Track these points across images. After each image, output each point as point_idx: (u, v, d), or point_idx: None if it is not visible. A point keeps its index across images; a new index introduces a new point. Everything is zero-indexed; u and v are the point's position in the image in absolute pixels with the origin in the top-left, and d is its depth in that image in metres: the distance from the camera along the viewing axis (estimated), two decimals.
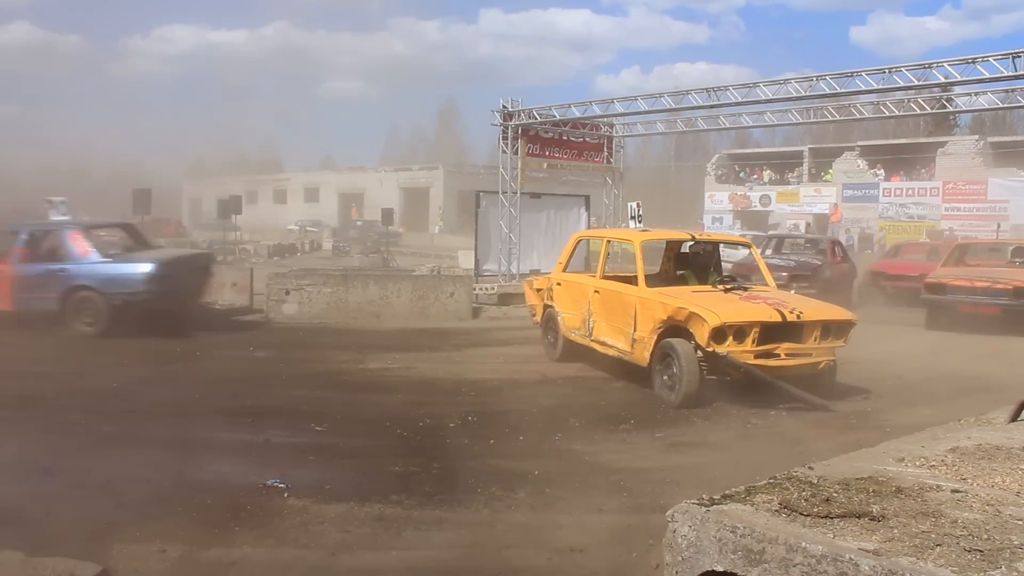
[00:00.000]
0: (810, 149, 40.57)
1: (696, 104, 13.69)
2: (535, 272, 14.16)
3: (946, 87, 13.01)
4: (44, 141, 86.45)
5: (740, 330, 7.02)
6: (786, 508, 2.13)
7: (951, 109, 15.54)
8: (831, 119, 16.19)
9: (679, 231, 10.17)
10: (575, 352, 9.09)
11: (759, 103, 13.56)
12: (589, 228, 16.09)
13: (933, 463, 2.66)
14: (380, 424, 6.38)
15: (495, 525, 4.33)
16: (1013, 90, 12.75)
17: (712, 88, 13.27)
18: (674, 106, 14.13)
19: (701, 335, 7.01)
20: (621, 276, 9.23)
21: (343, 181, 56.82)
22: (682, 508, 2.17)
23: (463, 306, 13.14)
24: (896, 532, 1.98)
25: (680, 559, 2.14)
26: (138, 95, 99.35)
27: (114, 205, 28.72)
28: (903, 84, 11.52)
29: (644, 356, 7.63)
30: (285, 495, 4.65)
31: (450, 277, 15.26)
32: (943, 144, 35.71)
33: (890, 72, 11.41)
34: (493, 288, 14.80)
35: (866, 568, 1.78)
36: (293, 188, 59.59)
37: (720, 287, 8.10)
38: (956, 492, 2.31)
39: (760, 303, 7.49)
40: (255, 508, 4.45)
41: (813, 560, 1.86)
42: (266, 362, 9.27)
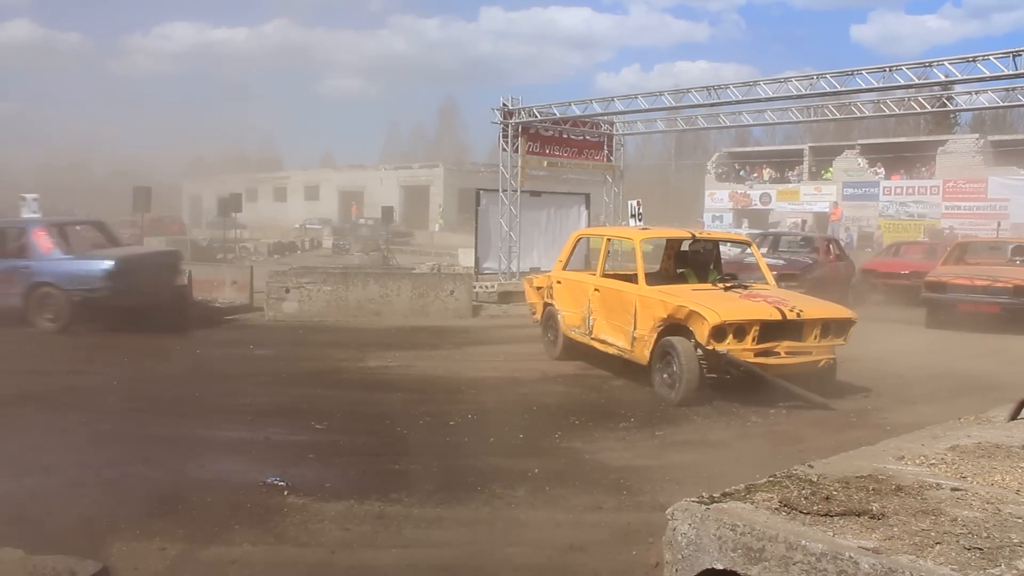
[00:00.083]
0: (810, 147, 40.53)
1: (696, 102, 13.69)
2: (535, 270, 14.17)
3: (946, 85, 13.02)
4: (44, 139, 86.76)
5: (740, 328, 7.02)
6: (786, 506, 2.13)
7: (951, 108, 15.56)
8: (831, 117, 16.22)
9: (679, 229, 10.16)
10: (575, 350, 9.09)
11: (759, 101, 13.56)
12: (589, 226, 16.09)
13: (933, 461, 2.66)
14: (380, 422, 6.39)
15: (495, 523, 4.33)
16: (1013, 88, 12.75)
17: (712, 86, 13.28)
18: (674, 104, 14.15)
19: (701, 333, 7.01)
20: (621, 274, 9.23)
21: (343, 179, 56.76)
22: (682, 506, 2.17)
23: (463, 304, 13.15)
24: (896, 530, 1.97)
25: (680, 557, 2.14)
26: (138, 93, 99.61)
27: (114, 203, 28.72)
28: (903, 82, 11.52)
29: (644, 354, 7.63)
30: (285, 493, 4.65)
31: (450, 275, 15.28)
32: (943, 142, 35.69)
33: (891, 70, 11.40)
34: (493, 286, 14.81)
35: (866, 566, 1.78)
36: (293, 186, 59.54)
37: (720, 285, 8.10)
38: (956, 490, 2.31)
39: (760, 301, 7.49)
40: (255, 506, 4.45)
41: (813, 558, 1.86)
42: (266, 360, 9.28)
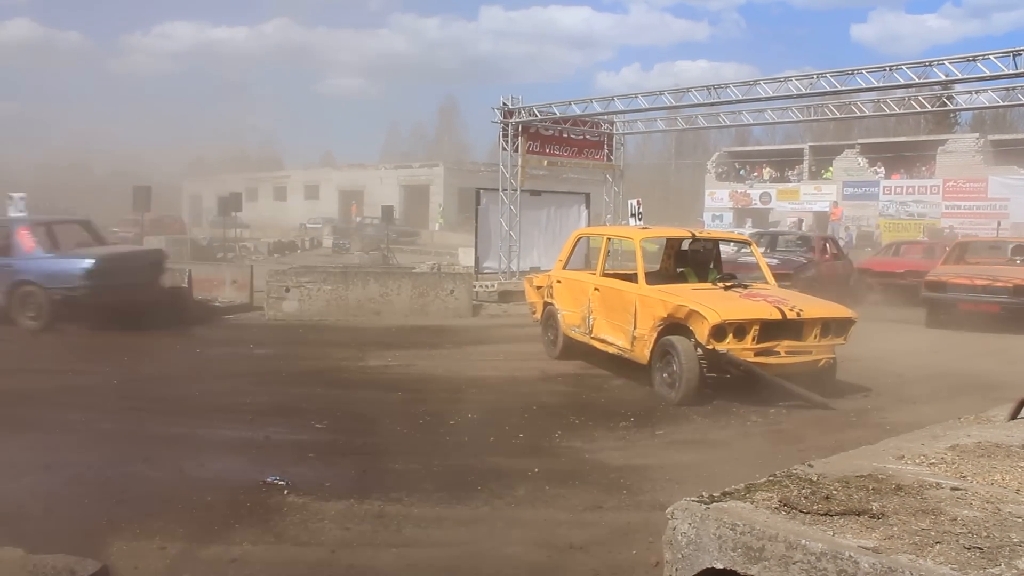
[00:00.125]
0: (810, 147, 40.53)
1: (696, 102, 13.69)
2: (535, 269, 14.17)
3: (947, 85, 13.02)
4: (44, 138, 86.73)
5: (740, 328, 7.02)
6: (786, 506, 2.13)
7: (951, 107, 15.55)
8: (831, 117, 16.23)
9: (679, 228, 10.16)
10: (575, 350, 9.09)
11: (760, 101, 13.56)
12: (589, 226, 16.09)
13: (933, 461, 2.66)
14: (380, 421, 6.39)
15: (495, 522, 4.33)
16: (1014, 88, 12.75)
17: (713, 86, 13.28)
18: (674, 104, 14.15)
19: (701, 333, 7.00)
20: (621, 274, 9.23)
21: (343, 178, 56.71)
22: (682, 505, 2.17)
23: (463, 303, 13.15)
24: (896, 530, 1.98)
25: (680, 556, 2.14)
26: (138, 92, 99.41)
27: (115, 202, 28.70)
28: (904, 82, 11.53)
29: (644, 354, 7.63)
30: (285, 492, 4.65)
31: (450, 274, 15.28)
32: (943, 142, 35.70)
33: (891, 70, 11.40)
34: (493, 285, 14.81)
35: (866, 565, 1.78)
36: (293, 185, 59.51)
37: (720, 285, 8.10)
38: (956, 490, 2.31)
39: (760, 301, 7.49)
40: (255, 505, 4.46)
41: (813, 557, 1.86)
42: (266, 359, 9.28)
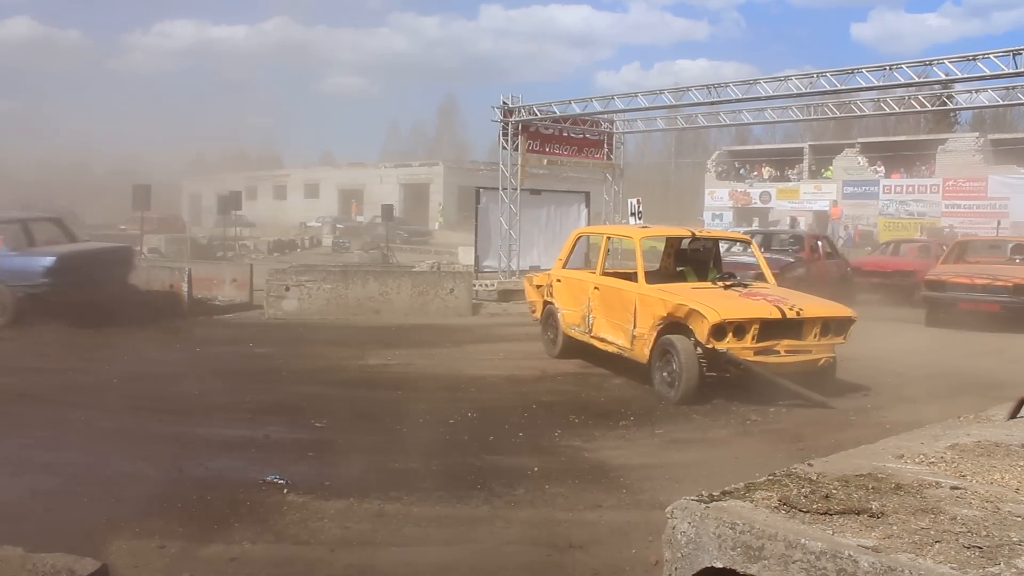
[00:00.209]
0: (810, 146, 40.53)
1: (696, 101, 13.69)
2: (535, 268, 14.16)
3: (947, 84, 13.00)
4: (44, 136, 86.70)
5: (740, 327, 7.02)
6: (785, 505, 2.13)
7: (951, 106, 15.56)
8: (831, 116, 16.22)
9: (678, 227, 10.16)
10: (575, 348, 9.09)
11: (759, 100, 13.55)
12: (589, 225, 16.08)
13: (932, 460, 2.66)
14: (380, 420, 6.39)
15: (494, 522, 4.33)
16: (1014, 87, 12.74)
17: (712, 85, 13.28)
18: (674, 103, 14.14)
19: (701, 332, 7.00)
20: (621, 273, 9.23)
21: (343, 177, 56.66)
22: (681, 505, 2.17)
23: (463, 302, 13.15)
24: (895, 529, 1.98)
25: (679, 555, 2.14)
26: (138, 90, 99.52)
27: (115, 201, 28.71)
28: (903, 81, 11.53)
29: (644, 353, 7.63)
30: (285, 491, 4.65)
31: (450, 273, 15.29)
32: (943, 141, 35.70)
33: (890, 69, 11.40)
34: (493, 284, 14.80)
35: (865, 564, 1.78)
36: (293, 184, 59.44)
37: (720, 284, 8.10)
38: (955, 489, 2.31)
39: (760, 300, 7.49)
40: (255, 504, 4.46)
41: (812, 557, 1.86)
42: (266, 358, 9.27)
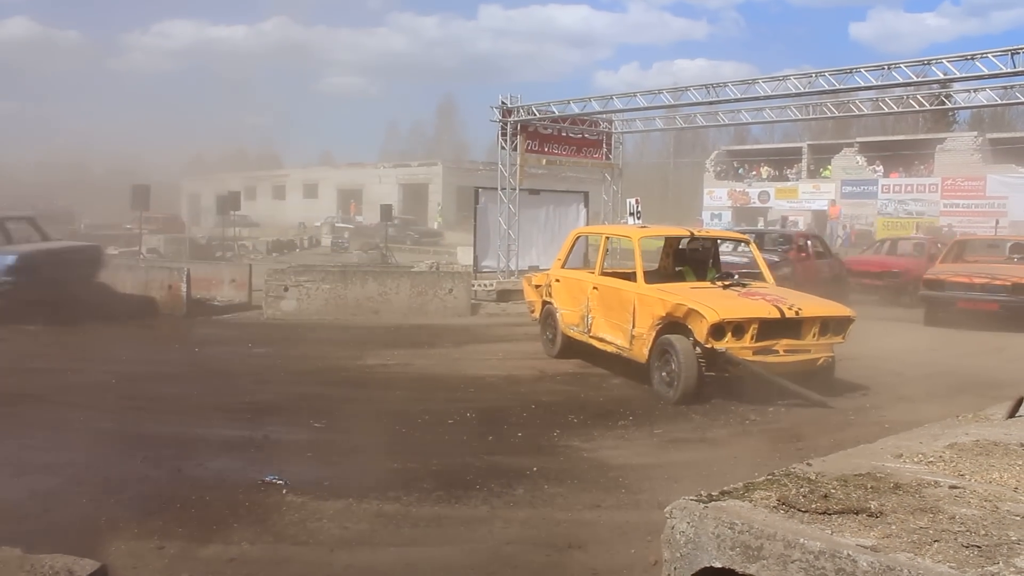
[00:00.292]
0: (809, 145, 40.56)
1: (695, 100, 13.69)
2: (534, 268, 14.16)
3: (945, 83, 13.00)
4: (43, 137, 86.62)
5: (739, 326, 7.02)
6: (784, 504, 2.13)
7: (950, 106, 15.57)
8: (830, 115, 16.23)
9: (677, 227, 10.15)
10: (573, 348, 9.09)
11: (758, 99, 13.55)
12: (588, 224, 16.08)
13: (931, 459, 2.66)
14: (378, 420, 6.38)
15: (493, 522, 4.33)
16: (1012, 87, 12.75)
17: (711, 84, 13.28)
18: (673, 102, 14.13)
19: (700, 331, 7.00)
20: (620, 272, 9.23)
21: (342, 177, 56.65)
22: (680, 504, 2.17)
23: (462, 302, 13.15)
24: (894, 528, 1.98)
25: (678, 555, 2.15)
26: (137, 91, 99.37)
27: (114, 201, 28.68)
28: (902, 80, 11.53)
29: (643, 352, 7.63)
30: (283, 491, 4.65)
31: (449, 273, 15.29)
32: (942, 140, 35.74)
33: (889, 68, 11.41)
34: (492, 284, 14.79)
35: (864, 564, 1.78)
36: (292, 184, 59.43)
37: (719, 284, 8.10)
38: (954, 488, 2.32)
39: (759, 299, 7.49)
40: (253, 504, 4.45)
41: (811, 556, 1.87)
42: (264, 358, 9.27)
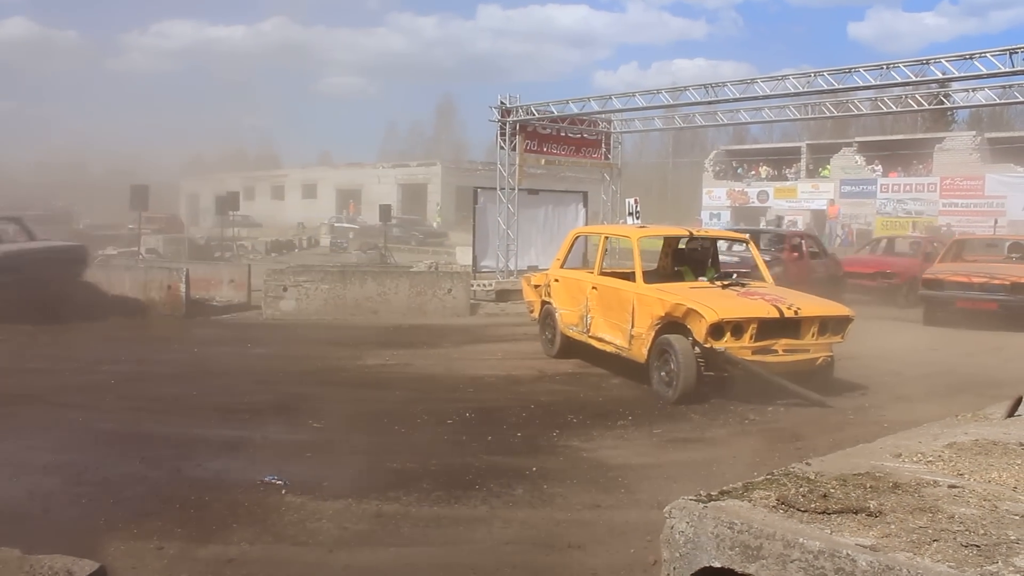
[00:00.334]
0: (808, 145, 40.53)
1: (694, 100, 13.69)
2: (533, 268, 14.16)
3: (944, 83, 13.02)
4: (42, 137, 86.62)
5: (738, 326, 7.02)
6: (783, 504, 2.13)
7: (949, 105, 15.57)
8: (829, 115, 16.23)
9: (676, 227, 10.16)
10: (573, 348, 9.09)
11: (757, 99, 13.56)
12: (587, 224, 16.09)
13: (930, 459, 2.66)
14: (378, 421, 6.38)
15: (493, 522, 4.33)
16: (1010, 86, 12.76)
17: (710, 84, 13.28)
18: (672, 102, 14.14)
19: (699, 331, 7.01)
20: (619, 272, 9.24)
21: (341, 177, 56.62)
22: (679, 504, 2.17)
23: (461, 302, 13.14)
24: (893, 527, 1.98)
25: (678, 555, 2.15)
26: (136, 91, 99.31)
27: (113, 202, 28.65)
28: (901, 80, 11.55)
29: (642, 352, 7.63)
30: (283, 492, 4.65)
31: (448, 273, 15.28)
32: (941, 140, 35.73)
33: (888, 68, 11.42)
34: (491, 284, 14.80)
35: (863, 563, 1.78)
36: (291, 184, 59.39)
37: (718, 283, 8.10)
38: (953, 487, 2.32)
39: (758, 299, 7.49)
40: (252, 505, 4.45)
41: (810, 556, 1.86)
42: (264, 358, 9.27)
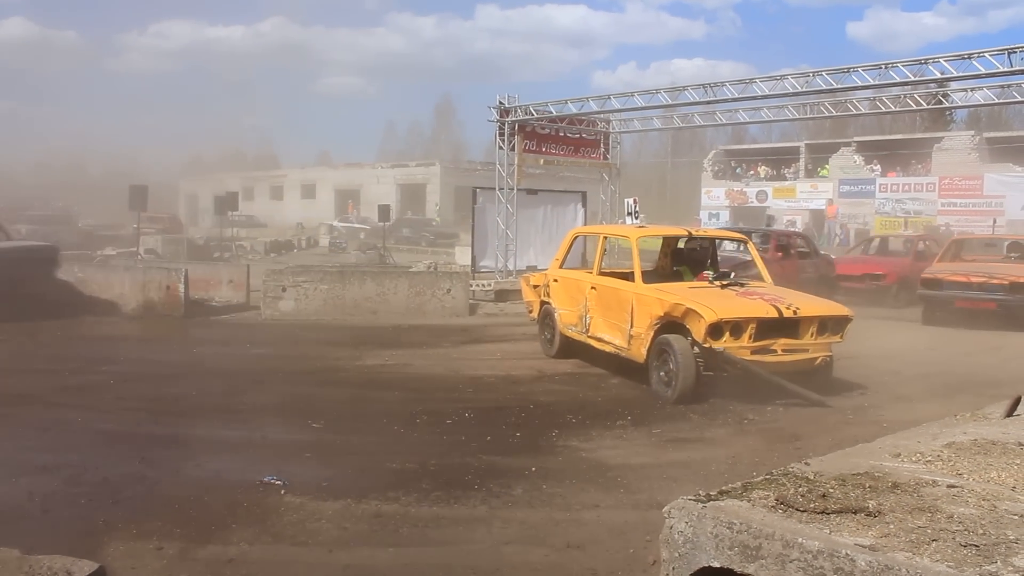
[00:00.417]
0: (806, 145, 40.51)
1: (693, 100, 13.70)
2: (532, 268, 14.17)
3: (942, 83, 13.03)
4: (41, 138, 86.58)
5: (737, 326, 7.02)
6: (782, 504, 2.13)
7: (947, 105, 15.57)
8: (827, 115, 16.24)
9: (675, 227, 10.16)
10: (572, 348, 9.09)
11: (756, 99, 13.57)
12: (586, 224, 16.09)
13: (929, 458, 2.67)
14: (377, 421, 6.38)
15: (492, 522, 4.33)
16: (1009, 86, 12.76)
17: (709, 84, 13.29)
18: (671, 102, 14.14)
19: (698, 331, 7.01)
20: (618, 272, 9.24)
21: (340, 177, 56.58)
22: (679, 504, 2.17)
23: (460, 303, 13.14)
24: (892, 527, 1.98)
25: (677, 555, 2.15)
26: (135, 91, 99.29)
27: (112, 202, 28.63)
28: (899, 80, 11.56)
29: (641, 352, 7.63)
30: (282, 492, 4.65)
31: (447, 274, 15.28)
32: (939, 139, 35.72)
33: (886, 68, 11.43)
34: (490, 285, 14.80)
35: (862, 563, 1.78)
36: (290, 184, 59.35)
37: (717, 283, 8.10)
38: (952, 487, 2.32)
39: (757, 299, 7.49)
40: (252, 505, 4.45)
41: (810, 556, 1.87)
42: (263, 359, 9.26)
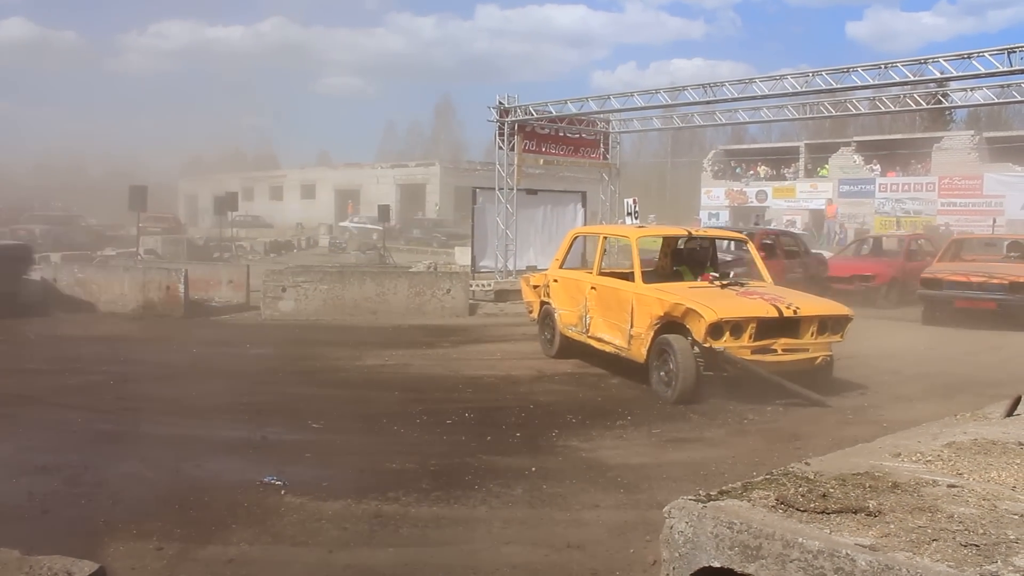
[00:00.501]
0: (806, 144, 40.51)
1: (692, 100, 13.70)
2: (531, 268, 14.17)
3: (942, 82, 13.03)
4: (41, 138, 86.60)
5: (737, 326, 7.02)
6: (783, 504, 2.13)
7: (947, 104, 15.56)
8: (827, 115, 16.24)
9: (674, 227, 10.16)
10: (572, 348, 9.09)
11: (755, 99, 13.57)
12: (586, 224, 16.09)
13: (929, 458, 2.67)
14: (377, 421, 6.39)
15: (492, 522, 4.33)
16: (1008, 85, 12.76)
17: (708, 84, 13.29)
18: (670, 102, 14.14)
19: (698, 331, 7.01)
20: (618, 272, 9.24)
21: (339, 177, 56.56)
22: (679, 504, 2.17)
23: (460, 303, 13.14)
24: (892, 527, 1.98)
25: (677, 555, 2.15)
26: (134, 92, 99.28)
27: (112, 202, 28.64)
28: (899, 79, 11.56)
29: (641, 352, 7.63)
30: (282, 492, 4.65)
31: (447, 274, 15.28)
32: (939, 139, 35.73)
33: (886, 67, 11.43)
34: (490, 285, 14.80)
35: (862, 563, 1.78)
36: (289, 184, 59.33)
37: (717, 283, 8.10)
38: (952, 487, 2.32)
39: (757, 299, 7.49)
40: (252, 505, 4.45)
41: (810, 555, 1.87)
42: (263, 359, 9.26)
